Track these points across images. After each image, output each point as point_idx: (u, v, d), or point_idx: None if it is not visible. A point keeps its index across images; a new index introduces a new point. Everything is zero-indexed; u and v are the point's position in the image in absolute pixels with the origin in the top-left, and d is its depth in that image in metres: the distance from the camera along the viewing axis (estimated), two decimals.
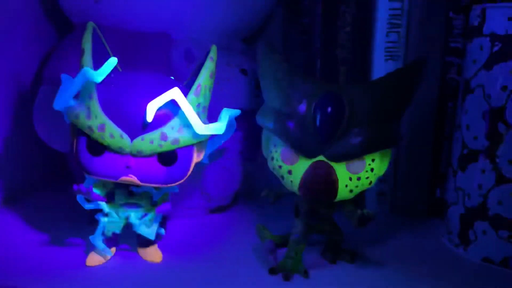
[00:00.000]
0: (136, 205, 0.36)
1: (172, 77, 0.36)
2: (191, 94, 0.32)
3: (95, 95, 0.31)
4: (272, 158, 0.35)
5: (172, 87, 0.31)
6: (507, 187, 0.36)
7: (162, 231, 0.37)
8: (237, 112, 0.35)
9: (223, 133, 0.34)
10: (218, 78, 0.38)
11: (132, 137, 0.31)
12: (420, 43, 0.44)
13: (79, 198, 0.35)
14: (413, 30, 0.44)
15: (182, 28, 0.43)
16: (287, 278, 0.34)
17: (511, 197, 0.36)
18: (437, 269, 0.37)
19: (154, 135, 0.31)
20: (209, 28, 0.44)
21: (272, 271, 0.35)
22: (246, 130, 0.45)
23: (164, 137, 0.32)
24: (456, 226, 0.40)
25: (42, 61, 0.51)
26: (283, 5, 0.55)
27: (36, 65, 0.50)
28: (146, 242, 0.37)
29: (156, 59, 0.42)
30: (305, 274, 0.35)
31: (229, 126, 0.35)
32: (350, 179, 0.33)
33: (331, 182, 0.33)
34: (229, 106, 0.35)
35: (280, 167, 0.34)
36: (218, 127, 0.33)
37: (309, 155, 0.33)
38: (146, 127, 0.31)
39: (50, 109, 0.33)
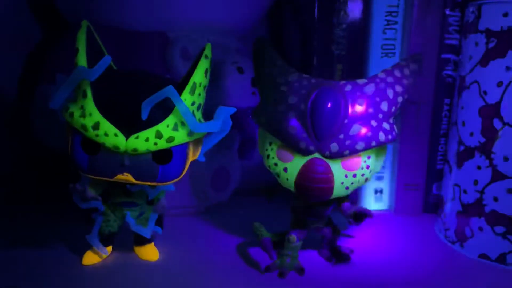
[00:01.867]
0: (132, 204, 0.36)
1: (168, 76, 0.36)
2: (186, 92, 0.32)
3: (89, 94, 0.31)
4: (268, 156, 0.35)
5: (167, 85, 0.31)
6: (502, 183, 0.36)
7: (159, 229, 0.37)
8: (232, 110, 0.35)
9: (219, 131, 0.34)
10: (213, 76, 0.37)
11: (127, 135, 0.31)
12: (416, 40, 0.44)
13: (75, 197, 0.35)
14: (409, 27, 0.44)
15: (178, 26, 0.43)
16: (282, 275, 0.34)
17: (507, 194, 0.36)
18: (434, 265, 0.37)
19: (149, 133, 0.31)
20: (205, 26, 0.44)
21: (268, 269, 0.35)
22: (242, 128, 0.45)
23: (159, 135, 0.31)
24: (453, 223, 0.40)
25: (38, 61, 0.50)
26: (279, 3, 0.55)
27: (31, 65, 0.50)
28: (142, 241, 0.37)
29: (152, 58, 0.42)
30: (301, 271, 0.35)
31: (224, 124, 0.35)
32: (346, 176, 0.33)
33: (327, 180, 0.33)
34: (225, 104, 0.35)
35: (275, 164, 0.34)
36: (213, 125, 0.33)
37: (304, 153, 0.33)
38: (141, 125, 0.31)
39: (46, 108, 0.33)
